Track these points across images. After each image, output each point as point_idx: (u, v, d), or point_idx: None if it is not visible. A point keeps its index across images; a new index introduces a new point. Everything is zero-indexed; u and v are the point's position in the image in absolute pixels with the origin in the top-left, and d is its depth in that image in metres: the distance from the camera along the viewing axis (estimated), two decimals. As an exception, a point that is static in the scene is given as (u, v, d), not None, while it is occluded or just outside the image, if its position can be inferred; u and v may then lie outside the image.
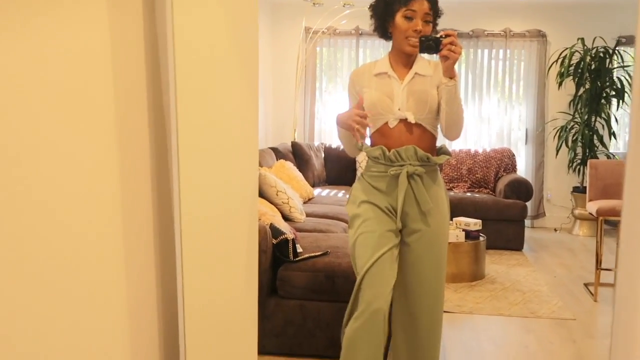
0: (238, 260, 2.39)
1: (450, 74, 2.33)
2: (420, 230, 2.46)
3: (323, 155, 6.73)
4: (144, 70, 2.09)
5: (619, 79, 6.61)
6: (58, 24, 1.62)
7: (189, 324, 2.16)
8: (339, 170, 6.61)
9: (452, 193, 6.27)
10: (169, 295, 2.30)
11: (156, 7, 2.17)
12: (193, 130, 2.12)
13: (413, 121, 2.44)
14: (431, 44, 2.31)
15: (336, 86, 7.33)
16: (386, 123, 2.47)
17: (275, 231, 3.30)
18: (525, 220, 6.10)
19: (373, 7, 2.54)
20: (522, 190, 6.05)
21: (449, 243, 4.47)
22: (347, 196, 5.68)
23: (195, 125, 2.13)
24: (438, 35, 2.31)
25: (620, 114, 6.93)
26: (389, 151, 2.44)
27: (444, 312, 3.70)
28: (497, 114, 7.18)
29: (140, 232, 2.10)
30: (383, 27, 2.52)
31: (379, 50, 7.07)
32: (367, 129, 2.52)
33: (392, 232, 2.45)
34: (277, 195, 4.38)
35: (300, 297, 3.22)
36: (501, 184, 6.28)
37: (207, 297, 2.24)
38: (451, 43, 2.27)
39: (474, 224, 4.88)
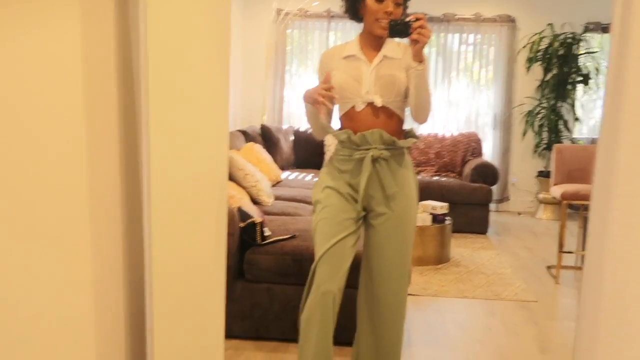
0: (207, 243, 2.39)
1: (420, 58, 2.33)
2: (385, 214, 2.49)
3: (292, 138, 6.72)
4: (114, 48, 2.06)
5: (585, 65, 6.71)
6: (28, 17, 1.59)
7: (157, 307, 2.16)
8: (307, 153, 6.62)
9: (419, 177, 6.33)
10: (137, 278, 2.29)
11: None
12: (164, 112, 2.11)
13: (380, 104, 2.45)
14: (401, 28, 2.30)
15: (306, 69, 7.31)
16: (353, 106, 2.48)
17: (243, 214, 3.30)
18: (490, 204, 6.19)
19: None
20: (488, 174, 6.14)
21: (416, 226, 4.51)
22: (315, 179, 5.71)
23: (165, 107, 2.12)
24: (407, 19, 2.30)
25: (585, 100, 7.04)
26: (355, 134, 2.46)
27: (409, 294, 3.75)
28: (465, 99, 7.25)
29: (108, 215, 2.08)
30: (354, 8, 2.51)
31: (350, 33, 7.06)
32: (335, 107, 2.54)
33: (350, 219, 2.47)
34: (245, 178, 4.37)
35: (268, 281, 3.23)
36: (468, 168, 6.36)
37: (175, 280, 2.24)
38: (421, 27, 2.26)
39: (441, 207, 4.94)
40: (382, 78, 2.45)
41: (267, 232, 3.36)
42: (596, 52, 6.84)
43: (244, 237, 3.27)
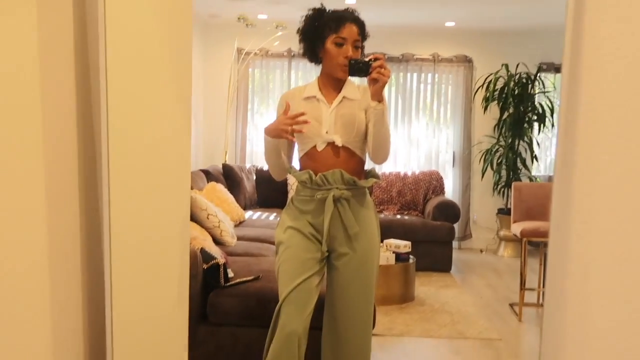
0: (169, 286, 2.33)
1: (379, 97, 2.36)
2: (348, 254, 2.48)
3: (255, 177, 6.69)
4: (73, 84, 2.02)
5: (540, 104, 6.88)
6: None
7: (117, 352, 2.09)
8: (270, 192, 6.58)
9: (382, 215, 6.34)
10: (97, 321, 2.22)
11: (87, 14, 2.11)
12: (124, 152, 2.07)
13: (340, 144, 2.46)
14: (361, 67, 2.34)
15: (268, 108, 7.33)
16: (314, 146, 2.49)
17: (206, 256, 3.24)
18: (453, 242, 6.23)
19: (302, 32, 2.55)
20: (449, 212, 6.19)
21: (380, 266, 4.50)
22: (279, 219, 5.68)
23: (126, 147, 2.08)
24: (367, 59, 2.34)
25: (541, 138, 7.21)
26: (316, 175, 2.46)
27: (374, 335, 3.72)
28: (425, 137, 7.35)
29: (67, 257, 2.02)
30: (313, 51, 2.54)
31: (311, 72, 7.12)
32: (295, 148, 2.54)
33: (314, 259, 2.46)
34: (207, 218, 4.32)
35: (232, 324, 3.17)
36: (429, 206, 6.41)
37: (136, 324, 2.18)
38: (380, 66, 2.30)
39: (404, 246, 4.95)
40: (342, 118, 2.47)
41: (230, 274, 3.31)
42: (550, 91, 7.03)
43: (207, 279, 3.21)
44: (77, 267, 2.09)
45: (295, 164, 2.65)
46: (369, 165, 2.59)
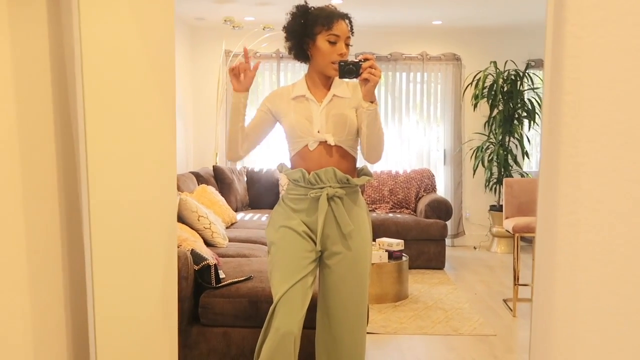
0: (155, 289, 2.31)
1: (371, 98, 2.32)
2: (341, 253, 2.46)
3: (246, 179, 6.67)
4: (49, 85, 2.00)
5: (529, 100, 6.89)
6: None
7: (101, 356, 2.06)
8: (261, 193, 6.57)
9: (374, 214, 6.33)
10: (80, 325, 2.19)
11: (62, 13, 2.09)
12: (105, 155, 2.04)
13: (333, 143, 2.44)
14: (351, 68, 2.30)
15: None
16: (306, 146, 2.46)
17: (197, 257, 3.22)
18: (446, 239, 6.22)
19: (288, 29, 2.51)
20: (441, 209, 6.18)
21: (373, 264, 4.49)
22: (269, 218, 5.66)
23: (107, 149, 2.05)
24: (357, 59, 2.31)
25: (532, 134, 7.22)
26: (309, 174, 2.43)
27: (369, 333, 3.70)
28: (416, 135, 7.34)
29: (47, 260, 1.99)
30: (300, 48, 2.50)
31: (300, 73, 7.09)
32: (285, 148, 2.53)
33: (308, 258, 2.43)
34: (198, 220, 4.29)
35: (224, 324, 3.14)
36: (422, 204, 6.40)
37: (121, 329, 2.15)
38: (371, 67, 2.27)
39: (397, 244, 4.93)
40: (333, 117, 2.44)
41: (222, 275, 3.28)
42: (539, 88, 7.04)
43: (199, 281, 3.19)
44: (57, 269, 2.06)
45: (287, 162, 2.62)
46: (360, 162, 2.57)
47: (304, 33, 2.46)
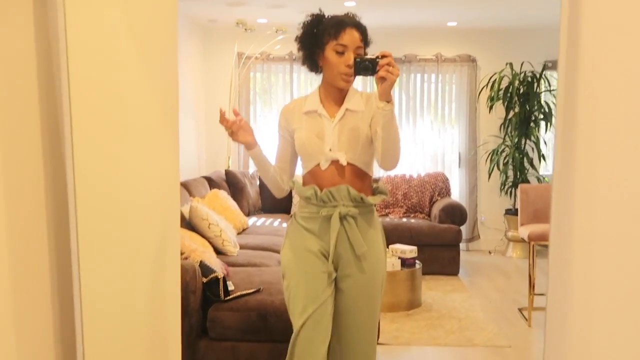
0: (145, 306, 2.25)
1: (387, 97, 2.15)
2: (354, 275, 2.36)
3: (258, 183, 6.62)
4: (35, 80, 1.93)
5: (546, 102, 6.78)
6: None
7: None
8: (274, 198, 6.46)
9: (387, 219, 6.26)
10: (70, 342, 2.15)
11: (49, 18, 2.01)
12: (92, 157, 1.94)
13: (345, 163, 2.33)
14: (367, 65, 2.15)
15: (271, 111, 7.25)
16: (318, 165, 2.37)
17: (205, 269, 3.18)
18: (461, 244, 6.13)
19: (300, 40, 2.42)
20: (456, 214, 6.09)
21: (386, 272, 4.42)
22: (284, 225, 5.59)
23: (95, 151, 1.95)
24: (374, 56, 2.15)
25: (549, 137, 7.10)
26: (321, 191, 2.34)
27: (380, 344, 3.64)
28: (430, 138, 7.25)
29: (35, 273, 1.95)
30: (312, 59, 2.42)
31: (312, 75, 7.02)
32: (301, 167, 2.45)
33: (325, 281, 2.33)
34: (209, 228, 4.25)
35: (232, 338, 3.10)
36: (436, 209, 6.32)
37: (111, 346, 2.10)
38: (388, 64, 2.09)
39: (410, 251, 4.85)
40: (345, 133, 2.33)
41: (230, 287, 3.24)
42: (556, 89, 6.91)
43: (207, 293, 3.14)
44: (45, 277, 2.01)
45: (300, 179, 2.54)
46: (376, 174, 2.46)
47: (314, 44, 2.37)
